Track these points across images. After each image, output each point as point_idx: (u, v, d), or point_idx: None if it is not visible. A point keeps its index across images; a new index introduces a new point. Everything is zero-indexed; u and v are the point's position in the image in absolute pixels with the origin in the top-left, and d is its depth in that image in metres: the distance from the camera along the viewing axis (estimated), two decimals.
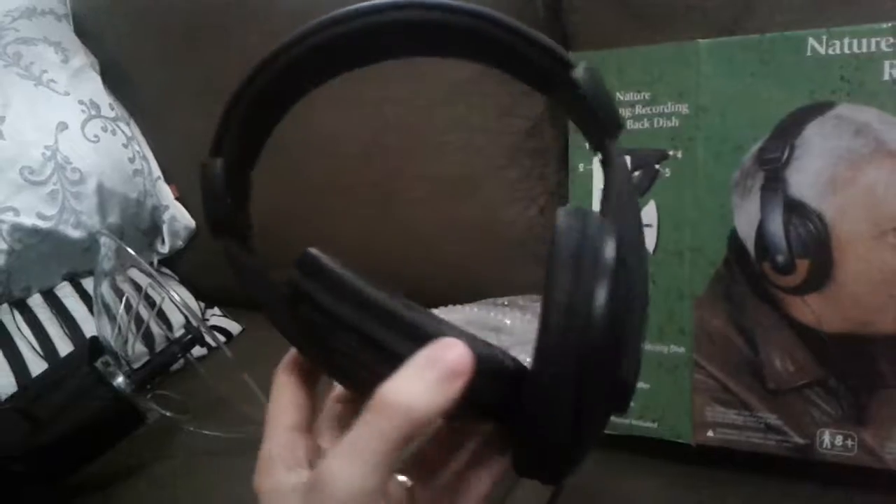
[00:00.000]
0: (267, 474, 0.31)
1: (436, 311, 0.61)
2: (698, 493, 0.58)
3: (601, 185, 0.62)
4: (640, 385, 0.60)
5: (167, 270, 1.03)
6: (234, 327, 0.96)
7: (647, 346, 0.60)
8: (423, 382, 0.27)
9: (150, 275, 0.65)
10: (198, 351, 0.82)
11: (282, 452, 0.32)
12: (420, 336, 0.28)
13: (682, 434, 0.59)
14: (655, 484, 0.60)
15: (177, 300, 0.64)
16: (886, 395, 0.52)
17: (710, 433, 0.58)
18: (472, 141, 0.86)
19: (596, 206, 0.62)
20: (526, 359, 0.72)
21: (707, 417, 0.58)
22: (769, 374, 0.56)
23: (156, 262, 1.01)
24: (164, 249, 1.01)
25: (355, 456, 0.27)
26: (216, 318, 0.99)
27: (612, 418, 0.61)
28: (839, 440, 0.54)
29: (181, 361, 0.75)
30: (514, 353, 0.73)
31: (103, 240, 0.68)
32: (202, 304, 1.00)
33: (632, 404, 0.60)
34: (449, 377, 0.27)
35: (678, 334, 0.59)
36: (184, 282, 1.03)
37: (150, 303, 0.72)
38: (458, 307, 0.82)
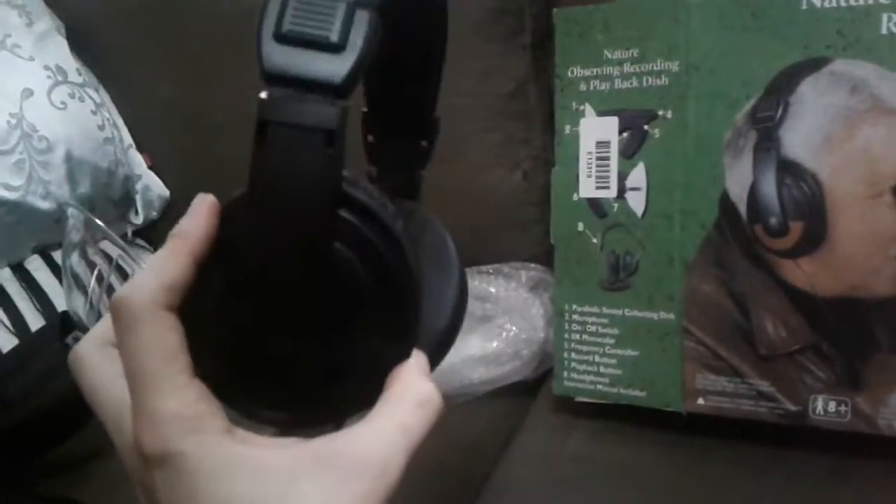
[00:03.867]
0: (184, 440, 0.25)
1: None
2: (689, 461, 0.57)
3: (588, 148, 0.60)
4: (629, 352, 0.59)
5: (142, 242, 1.00)
6: None
7: (636, 313, 0.59)
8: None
9: (120, 247, 0.62)
10: None
11: (203, 410, 0.26)
12: None
13: (673, 402, 0.58)
14: (646, 453, 0.59)
15: None
16: (880, 360, 0.51)
17: (700, 401, 0.57)
18: (453, 104, 0.83)
19: (583, 169, 0.60)
20: (513, 328, 0.70)
21: (697, 385, 0.56)
22: (761, 339, 0.54)
23: (130, 233, 0.99)
24: (138, 220, 0.99)
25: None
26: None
27: (600, 387, 0.61)
28: (832, 406, 0.53)
29: None
30: (499, 321, 0.71)
31: (70, 210, 0.65)
32: None
33: (620, 372, 0.59)
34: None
35: (668, 300, 0.57)
36: None
37: (123, 274, 0.70)
38: None
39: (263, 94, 0.25)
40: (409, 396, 0.28)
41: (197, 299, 0.27)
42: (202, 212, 0.27)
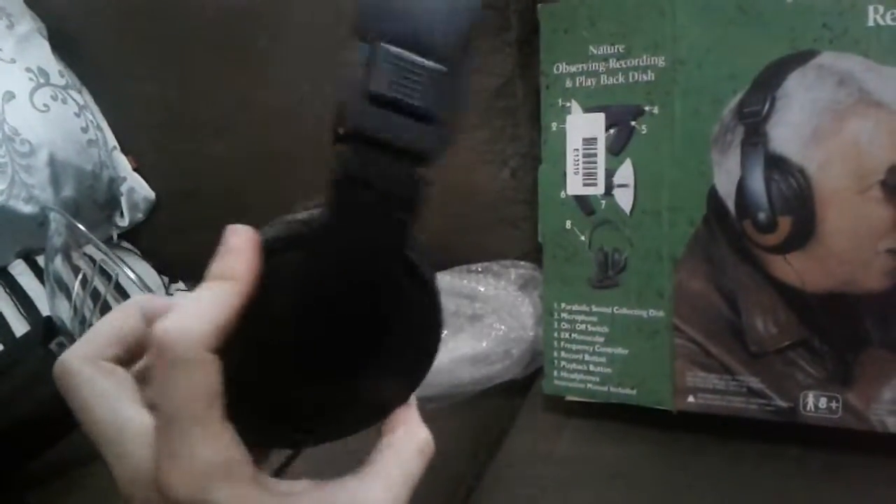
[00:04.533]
0: (220, 489, 0.25)
1: None
2: (680, 459, 0.56)
3: (574, 146, 0.59)
4: (619, 351, 0.58)
5: (128, 244, 1.00)
6: None
7: (625, 311, 0.58)
8: None
9: (103, 251, 0.62)
10: None
11: (235, 458, 0.26)
12: None
13: (663, 400, 0.57)
14: (636, 451, 0.58)
15: (131, 276, 0.61)
16: (871, 355, 0.51)
17: (691, 399, 0.56)
18: None
19: (570, 166, 0.59)
20: (503, 327, 0.69)
21: (688, 383, 0.56)
22: (751, 336, 0.54)
23: (115, 236, 0.98)
24: (124, 223, 0.97)
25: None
26: (180, 292, 0.95)
27: (590, 386, 0.60)
28: (823, 402, 0.52)
29: None
30: (489, 321, 0.71)
31: (52, 215, 0.64)
32: (166, 279, 0.97)
33: (610, 370, 0.59)
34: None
35: (657, 297, 0.57)
36: (146, 255, 0.99)
37: (107, 278, 0.69)
38: None
39: (343, 148, 0.25)
40: (413, 444, 0.29)
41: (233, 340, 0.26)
42: (249, 252, 0.27)
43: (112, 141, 0.97)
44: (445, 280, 0.77)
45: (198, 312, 0.25)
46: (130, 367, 0.29)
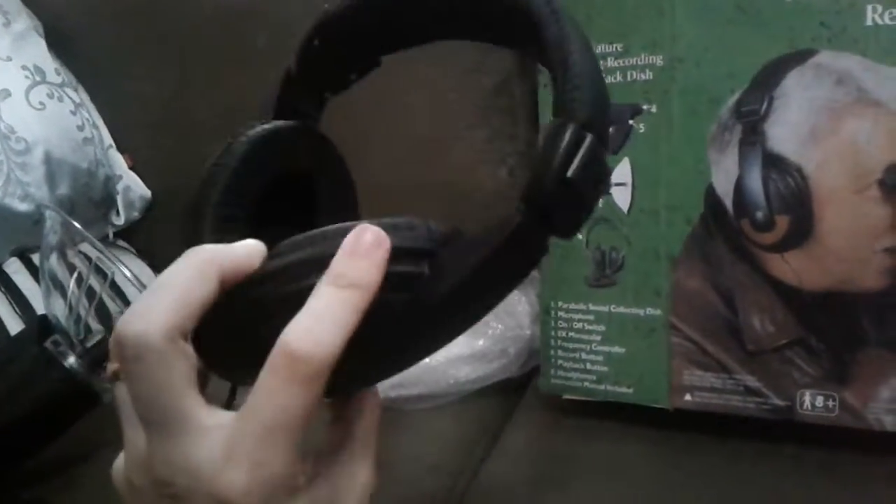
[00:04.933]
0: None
1: None
2: (677, 457, 0.56)
3: None
4: (616, 349, 0.58)
5: (123, 243, 0.99)
6: None
7: (622, 310, 0.58)
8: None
9: (99, 249, 0.61)
10: None
11: (299, 465, 0.26)
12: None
13: (660, 399, 0.57)
14: (633, 450, 0.58)
15: (127, 274, 0.61)
16: (868, 354, 0.51)
17: (687, 397, 0.56)
18: (438, 100, 0.82)
19: None
20: (499, 326, 0.69)
21: (685, 381, 0.56)
22: (748, 334, 0.54)
23: (111, 234, 0.97)
24: (120, 221, 0.97)
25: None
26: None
27: (587, 384, 0.60)
28: (820, 401, 0.52)
29: None
30: (485, 319, 0.71)
31: (48, 213, 0.64)
32: None
33: (607, 369, 0.59)
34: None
35: (654, 296, 0.57)
36: (142, 254, 0.99)
37: (103, 276, 0.69)
38: None
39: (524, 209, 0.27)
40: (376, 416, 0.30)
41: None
42: (382, 262, 0.26)
43: (108, 139, 0.97)
44: None
45: (333, 326, 0.25)
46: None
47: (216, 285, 0.26)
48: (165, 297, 0.26)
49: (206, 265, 0.26)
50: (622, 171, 0.57)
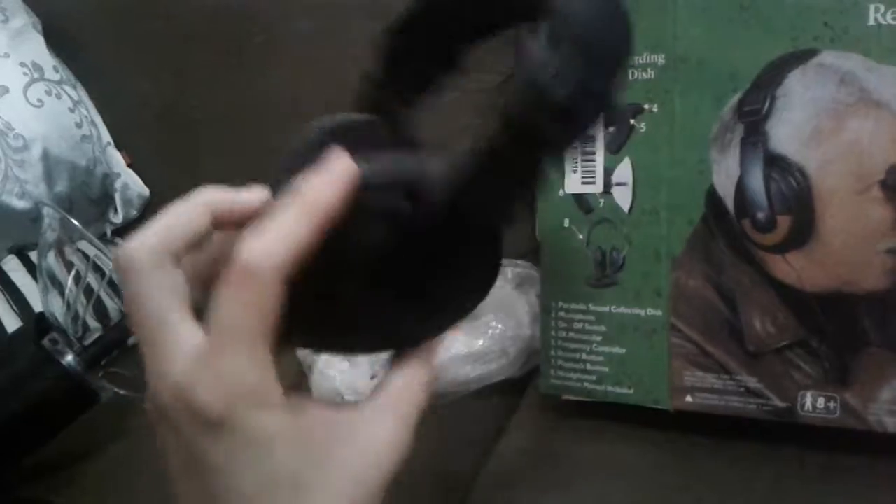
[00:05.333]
0: (253, 415, 0.26)
1: None
2: (677, 459, 0.56)
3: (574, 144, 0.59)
4: (616, 350, 0.58)
5: (121, 241, 0.99)
6: None
7: (623, 310, 0.58)
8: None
9: (97, 246, 0.61)
10: None
11: (270, 384, 0.26)
12: None
13: (660, 400, 0.57)
14: (633, 451, 0.58)
15: None
16: (869, 355, 0.51)
17: (688, 398, 0.56)
18: (439, 99, 0.82)
19: (568, 164, 0.59)
20: (499, 326, 0.69)
21: (685, 382, 0.56)
22: (749, 335, 0.54)
23: (109, 232, 0.97)
24: (118, 219, 0.97)
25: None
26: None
27: (587, 385, 0.60)
28: (821, 402, 0.52)
29: None
30: (486, 319, 0.70)
31: (46, 210, 0.64)
32: None
33: (607, 370, 0.58)
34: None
35: (655, 296, 0.56)
36: None
37: (101, 274, 0.68)
38: None
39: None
40: (422, 378, 0.30)
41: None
42: (345, 185, 0.27)
43: (106, 136, 0.97)
44: None
45: (283, 238, 0.26)
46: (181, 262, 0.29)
47: (205, 217, 0.29)
48: (154, 224, 0.28)
49: (198, 197, 0.29)
50: (623, 171, 0.57)
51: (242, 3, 0.89)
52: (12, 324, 0.78)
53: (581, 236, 0.59)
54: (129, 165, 0.98)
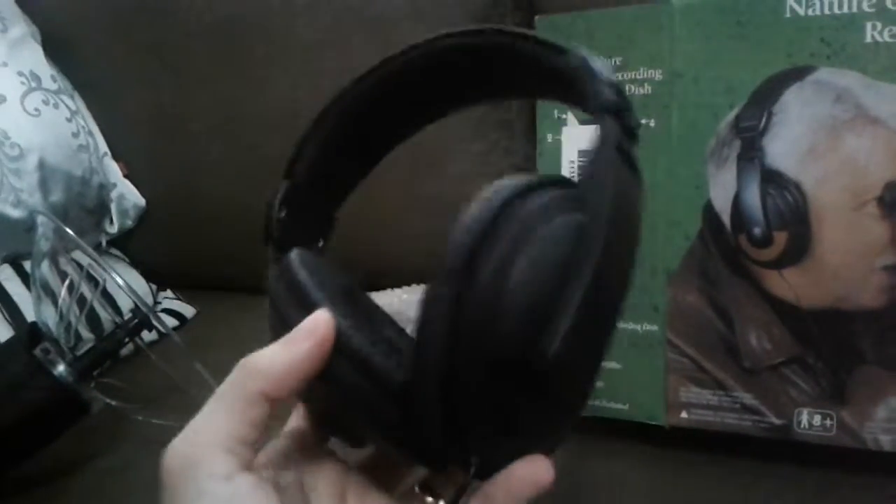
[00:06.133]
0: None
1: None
2: (672, 475, 0.56)
3: (570, 157, 0.59)
4: (612, 365, 0.58)
5: (116, 252, 0.99)
6: (187, 310, 0.92)
7: (619, 325, 0.57)
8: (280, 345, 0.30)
9: (91, 256, 0.61)
10: (151, 336, 0.78)
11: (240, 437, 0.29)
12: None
13: (655, 415, 0.57)
14: (628, 467, 0.58)
15: (119, 282, 0.60)
16: (866, 373, 0.50)
17: (683, 414, 0.56)
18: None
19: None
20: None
21: (681, 398, 0.56)
22: (745, 352, 0.53)
23: (104, 242, 0.97)
24: (113, 229, 0.97)
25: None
26: (168, 300, 0.94)
27: None
28: (817, 419, 0.52)
29: (131, 347, 0.71)
30: None
31: (40, 219, 0.63)
32: (154, 287, 0.96)
33: (602, 385, 0.58)
34: (302, 336, 0.30)
35: (651, 312, 0.56)
36: (135, 263, 0.98)
37: (95, 284, 0.68)
38: (387, 292, 0.80)
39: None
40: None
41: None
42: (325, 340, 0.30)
43: (103, 147, 0.97)
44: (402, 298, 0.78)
45: (284, 357, 0.30)
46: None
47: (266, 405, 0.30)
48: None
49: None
50: None
51: (241, 14, 0.89)
52: (4, 333, 0.77)
53: None
54: (126, 176, 0.98)
